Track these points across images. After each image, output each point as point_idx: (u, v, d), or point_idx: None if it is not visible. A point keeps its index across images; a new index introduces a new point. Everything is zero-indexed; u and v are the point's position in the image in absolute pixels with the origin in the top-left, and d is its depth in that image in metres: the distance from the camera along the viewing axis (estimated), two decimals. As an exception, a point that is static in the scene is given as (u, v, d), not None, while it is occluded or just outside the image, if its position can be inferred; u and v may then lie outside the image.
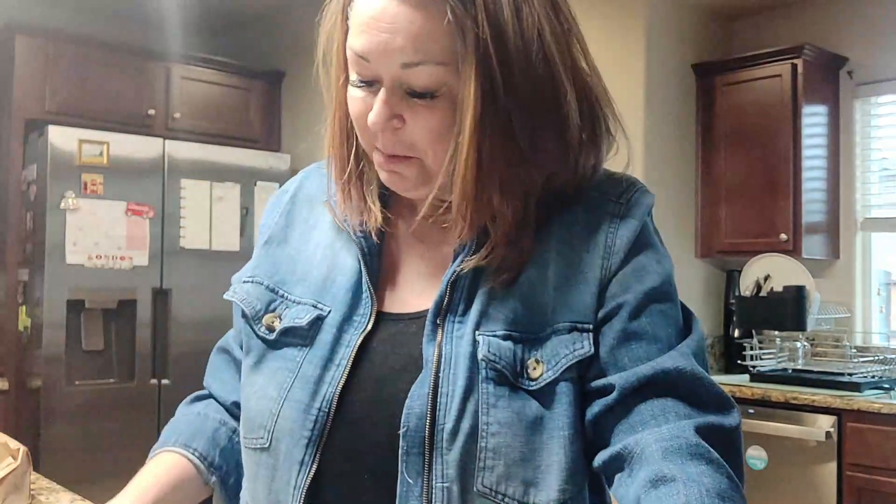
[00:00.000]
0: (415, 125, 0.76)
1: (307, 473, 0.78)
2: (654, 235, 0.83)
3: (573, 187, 0.82)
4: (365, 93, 0.77)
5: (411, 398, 0.76)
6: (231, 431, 0.94)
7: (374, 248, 0.85)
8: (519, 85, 0.74)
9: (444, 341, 0.78)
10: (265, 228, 0.95)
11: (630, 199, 0.83)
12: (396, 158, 0.78)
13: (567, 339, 0.77)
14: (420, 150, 0.77)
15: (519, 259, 0.79)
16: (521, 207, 0.78)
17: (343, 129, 0.84)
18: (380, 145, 0.78)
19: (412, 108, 0.75)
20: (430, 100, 0.75)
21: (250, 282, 0.91)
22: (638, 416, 0.74)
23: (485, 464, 0.73)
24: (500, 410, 0.74)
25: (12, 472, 1.40)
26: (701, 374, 0.75)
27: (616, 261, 0.79)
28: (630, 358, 0.76)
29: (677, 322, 0.80)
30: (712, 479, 0.68)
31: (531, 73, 0.75)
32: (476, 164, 0.74)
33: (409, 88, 0.75)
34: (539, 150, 0.77)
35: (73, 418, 3.49)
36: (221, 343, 1.01)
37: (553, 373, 0.76)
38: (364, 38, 0.74)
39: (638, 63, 3.58)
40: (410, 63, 0.73)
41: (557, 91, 0.77)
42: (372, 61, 0.75)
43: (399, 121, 0.76)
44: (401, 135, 0.77)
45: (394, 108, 0.76)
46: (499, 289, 0.79)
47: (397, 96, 0.75)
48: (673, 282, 0.82)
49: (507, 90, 0.74)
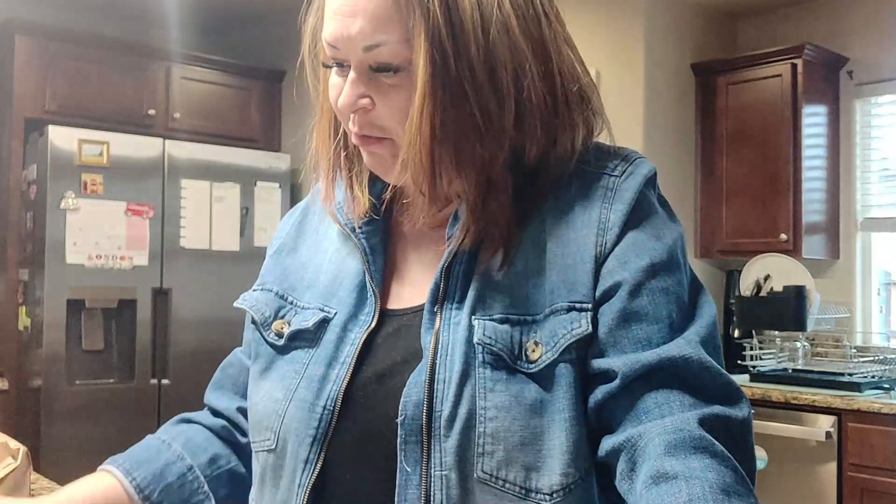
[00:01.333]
0: (382, 105, 0.77)
1: (312, 471, 0.78)
2: (654, 206, 0.80)
3: (556, 161, 0.80)
4: (340, 79, 0.79)
5: (409, 386, 0.75)
6: (187, 469, 0.91)
7: (376, 248, 0.86)
8: (474, 56, 0.74)
9: (442, 329, 0.77)
10: (276, 240, 0.96)
11: (625, 171, 0.80)
12: (370, 139, 0.79)
13: (565, 318, 0.75)
14: (390, 130, 0.78)
15: (503, 235, 0.78)
16: (484, 181, 0.77)
17: (331, 121, 0.86)
18: (353, 127, 0.79)
19: (379, 87, 0.76)
20: (394, 75, 0.75)
21: (259, 290, 0.91)
22: (641, 405, 0.71)
23: (484, 449, 0.72)
24: (498, 394, 0.73)
25: (12, 472, 1.40)
26: (708, 364, 0.73)
27: (612, 236, 0.77)
28: (630, 339, 0.74)
29: (679, 298, 0.77)
30: (716, 474, 0.65)
31: (489, 45, 0.74)
32: (429, 134, 0.74)
33: (374, 65, 0.76)
34: (496, 121, 0.76)
35: (73, 418, 3.49)
36: (228, 359, 1.01)
37: (552, 354, 0.74)
38: (331, 27, 0.76)
39: (638, 63, 3.58)
40: (371, 45, 0.74)
41: (520, 64, 0.76)
42: (340, 48, 0.76)
43: (369, 101, 0.77)
44: (371, 116, 0.78)
45: (361, 90, 0.77)
46: (494, 272, 0.78)
47: (364, 77, 0.76)
48: (676, 254, 0.78)
49: (460, 61, 0.73)
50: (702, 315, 0.77)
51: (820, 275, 3.66)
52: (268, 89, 4.44)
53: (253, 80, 4.39)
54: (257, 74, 4.40)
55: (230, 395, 0.98)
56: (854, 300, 3.66)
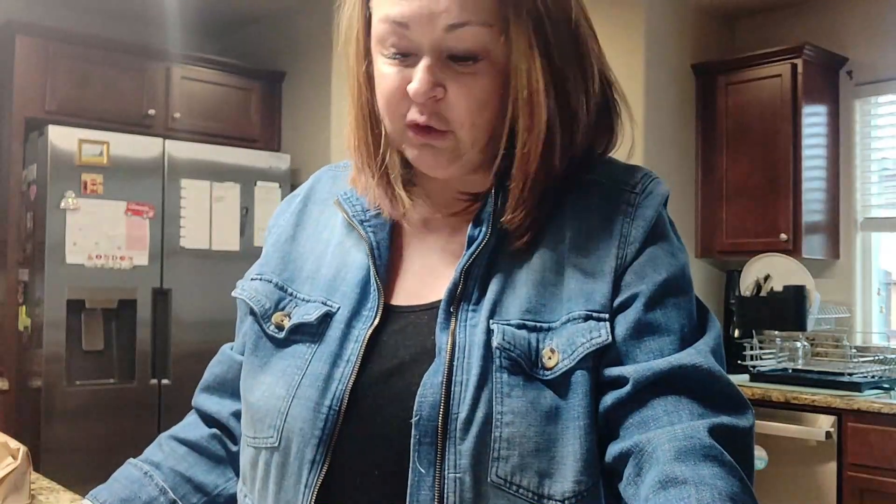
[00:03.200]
0: (457, 95, 0.75)
1: (318, 472, 0.77)
2: (668, 227, 0.82)
3: (585, 168, 0.82)
4: (399, 66, 0.76)
5: (424, 387, 0.75)
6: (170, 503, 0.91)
7: (383, 243, 0.85)
8: (568, 46, 0.76)
9: (458, 329, 0.76)
10: (275, 228, 0.94)
11: (646, 189, 0.81)
12: (432, 132, 0.77)
13: (584, 327, 0.75)
14: (457, 122, 0.76)
15: (536, 224, 0.79)
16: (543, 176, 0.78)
17: (368, 114, 0.82)
18: (417, 117, 0.76)
19: (454, 76, 0.75)
20: (473, 65, 0.74)
21: (258, 279, 0.90)
22: (651, 411, 0.72)
23: (499, 454, 0.72)
24: (515, 400, 0.73)
25: (12, 472, 1.40)
26: (718, 373, 0.74)
27: (632, 250, 0.78)
28: (643, 350, 0.75)
29: (691, 315, 0.78)
30: (725, 482, 0.66)
31: (573, 42, 0.76)
32: (546, 134, 0.75)
33: (451, 53, 0.74)
34: (580, 117, 0.78)
35: (73, 418, 3.48)
36: (216, 358, 0.99)
37: (569, 361, 0.74)
38: (404, 4, 0.73)
39: (638, 63, 3.58)
40: (456, 24, 0.72)
41: (590, 61, 0.78)
42: (412, 27, 0.74)
43: (441, 90, 0.75)
44: (441, 106, 0.76)
45: (437, 76, 0.74)
46: (513, 276, 0.78)
47: (439, 64, 0.74)
48: (688, 275, 0.80)
49: (561, 50, 0.75)
50: (710, 329, 0.79)
51: (820, 275, 3.66)
52: (268, 89, 4.44)
53: (253, 81, 4.39)
54: (257, 75, 4.40)
55: (221, 398, 0.96)
56: (854, 300, 3.66)
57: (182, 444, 0.95)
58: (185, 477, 0.92)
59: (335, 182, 0.93)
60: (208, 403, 0.96)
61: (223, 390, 0.96)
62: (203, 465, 0.94)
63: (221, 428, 0.95)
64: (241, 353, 0.92)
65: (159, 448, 0.95)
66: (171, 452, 0.94)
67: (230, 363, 0.96)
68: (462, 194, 0.83)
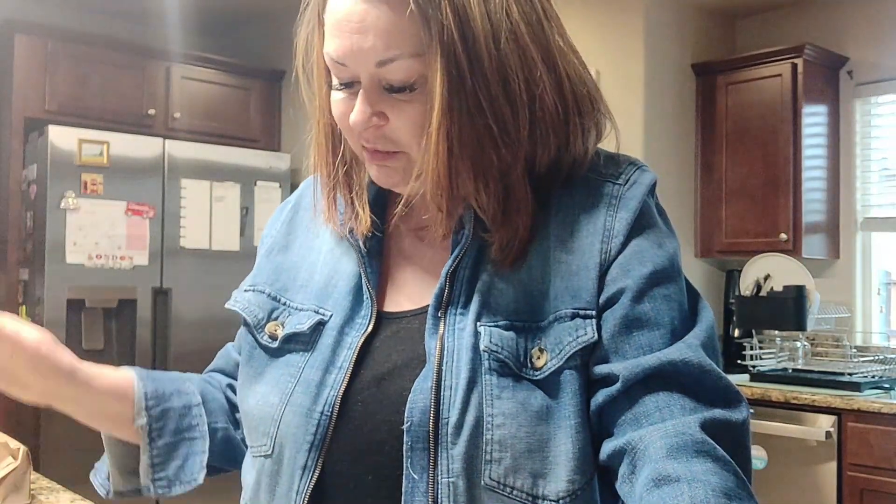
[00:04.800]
0: (397, 120, 0.76)
1: (310, 478, 0.77)
2: (655, 216, 0.81)
3: (568, 166, 0.81)
4: (346, 94, 0.78)
5: (414, 392, 0.75)
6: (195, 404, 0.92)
7: (373, 250, 0.85)
8: (487, 68, 0.73)
9: (447, 334, 0.77)
10: (267, 238, 0.95)
11: (629, 179, 0.81)
12: (382, 154, 0.78)
13: (570, 325, 0.75)
14: (405, 144, 0.77)
15: (519, 237, 0.78)
16: (503, 189, 0.77)
17: (329, 135, 0.84)
18: (364, 143, 0.78)
19: (392, 103, 0.75)
20: (410, 93, 0.75)
21: (251, 290, 0.90)
22: (642, 408, 0.72)
23: (492, 457, 0.72)
24: (505, 401, 0.73)
25: (12, 472, 1.40)
26: (709, 367, 0.73)
27: (616, 244, 0.77)
28: (632, 345, 0.74)
29: (681, 305, 0.78)
30: (719, 478, 0.66)
31: (500, 55, 0.74)
32: (447, 150, 0.74)
33: (387, 84, 0.75)
34: (512, 131, 0.76)
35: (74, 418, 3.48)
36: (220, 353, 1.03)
37: (557, 361, 0.74)
38: (337, 42, 0.75)
39: (638, 63, 3.58)
40: (384, 60, 0.73)
41: (530, 71, 0.76)
42: (348, 64, 0.75)
43: (381, 118, 0.76)
44: (385, 131, 0.77)
45: (374, 106, 0.76)
46: (499, 278, 0.78)
47: (376, 94, 0.75)
48: (677, 263, 0.80)
49: (475, 73, 0.73)
50: (701, 320, 0.78)
51: (820, 275, 3.66)
52: (268, 89, 4.44)
53: (253, 80, 4.39)
54: (257, 74, 4.40)
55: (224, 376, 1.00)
56: (854, 300, 3.66)
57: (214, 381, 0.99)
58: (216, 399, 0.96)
59: None
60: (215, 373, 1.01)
61: (224, 375, 1.01)
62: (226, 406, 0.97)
63: None
64: (239, 353, 0.93)
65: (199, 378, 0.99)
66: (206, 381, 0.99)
67: (227, 358, 1.01)
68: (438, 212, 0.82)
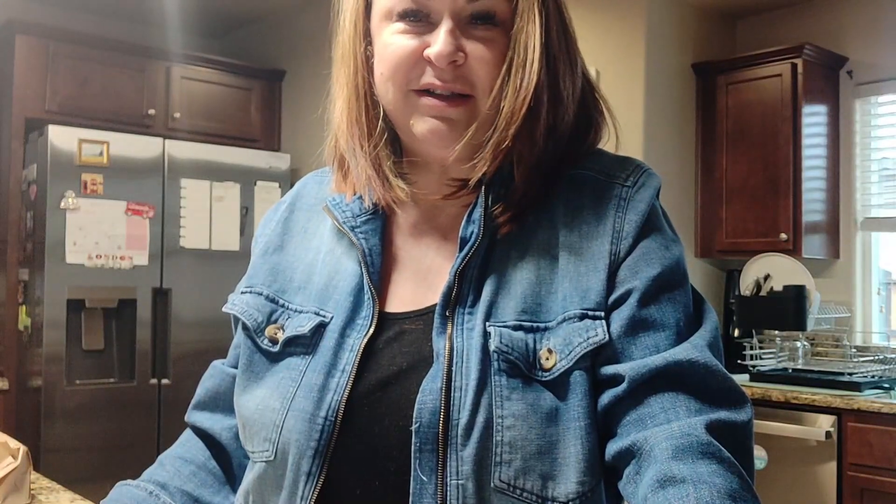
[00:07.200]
0: (478, 59, 0.75)
1: (314, 485, 0.76)
2: (662, 219, 0.81)
3: (574, 162, 0.82)
4: (412, 32, 0.76)
5: (423, 393, 0.74)
6: None
7: (374, 249, 0.83)
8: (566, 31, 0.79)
9: (455, 334, 0.75)
10: (261, 238, 0.93)
11: (637, 182, 0.80)
12: (453, 101, 0.77)
13: (580, 326, 0.75)
14: (480, 86, 0.76)
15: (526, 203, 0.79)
16: (536, 161, 0.78)
17: (364, 94, 0.81)
18: (434, 81, 0.76)
19: (473, 39, 0.76)
20: (492, 28, 0.75)
21: (249, 292, 0.88)
22: (647, 409, 0.71)
23: (501, 458, 0.71)
24: (515, 403, 0.72)
25: (12, 472, 1.40)
26: (714, 367, 0.73)
27: (625, 245, 0.77)
28: (638, 346, 0.74)
29: (687, 308, 0.77)
30: (724, 479, 0.65)
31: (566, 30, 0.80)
32: (533, 93, 0.75)
33: (472, 13, 0.75)
34: (566, 97, 0.79)
35: (73, 418, 3.48)
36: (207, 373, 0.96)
37: (567, 362, 0.73)
38: None
39: (638, 63, 3.58)
40: None
41: (574, 53, 0.81)
42: None
43: (462, 55, 0.75)
44: (464, 70, 0.76)
45: (460, 40, 0.75)
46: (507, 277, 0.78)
47: (460, 27, 0.75)
48: (682, 266, 0.79)
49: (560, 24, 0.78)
50: (706, 321, 0.78)
51: (820, 275, 3.66)
52: (268, 89, 4.44)
53: (253, 80, 4.39)
54: (257, 74, 4.40)
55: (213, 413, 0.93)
56: (854, 300, 3.66)
57: (187, 463, 0.92)
58: (193, 497, 0.90)
59: (321, 188, 0.92)
60: (202, 419, 0.94)
61: (215, 405, 0.94)
62: (210, 486, 0.91)
63: (216, 445, 0.93)
64: (233, 367, 0.90)
65: (162, 468, 0.92)
66: (177, 472, 0.91)
67: (222, 376, 0.94)
68: (452, 180, 0.81)
